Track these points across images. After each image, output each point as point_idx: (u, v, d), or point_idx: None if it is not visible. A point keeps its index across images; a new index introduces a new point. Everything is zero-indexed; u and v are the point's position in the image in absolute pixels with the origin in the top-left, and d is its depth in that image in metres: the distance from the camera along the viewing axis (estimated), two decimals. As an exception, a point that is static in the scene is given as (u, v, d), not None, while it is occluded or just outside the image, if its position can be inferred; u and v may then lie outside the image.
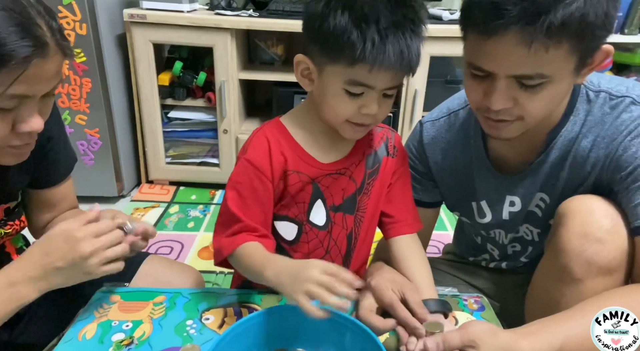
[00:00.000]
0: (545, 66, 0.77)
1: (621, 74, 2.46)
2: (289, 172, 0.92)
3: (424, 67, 2.30)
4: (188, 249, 2.08)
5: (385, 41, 0.77)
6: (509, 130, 0.89)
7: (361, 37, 0.76)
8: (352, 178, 0.97)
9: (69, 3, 2.03)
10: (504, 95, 0.82)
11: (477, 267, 1.33)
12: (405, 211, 1.03)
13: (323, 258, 0.99)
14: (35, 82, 0.72)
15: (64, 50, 0.76)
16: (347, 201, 0.98)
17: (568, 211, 0.91)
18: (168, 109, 2.51)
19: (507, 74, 0.80)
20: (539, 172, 1.00)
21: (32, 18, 0.70)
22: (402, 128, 2.45)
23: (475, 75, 0.85)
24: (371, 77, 0.80)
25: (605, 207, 0.89)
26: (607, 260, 0.86)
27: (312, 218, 0.97)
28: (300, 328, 0.82)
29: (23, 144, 0.80)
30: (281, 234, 0.99)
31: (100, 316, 0.91)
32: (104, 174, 2.38)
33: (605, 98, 0.92)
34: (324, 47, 0.82)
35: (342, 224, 1.00)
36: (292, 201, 0.95)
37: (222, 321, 0.92)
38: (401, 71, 0.81)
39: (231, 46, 2.26)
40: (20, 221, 1.02)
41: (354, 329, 0.79)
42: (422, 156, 1.15)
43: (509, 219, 1.10)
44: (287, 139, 0.93)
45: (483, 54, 0.81)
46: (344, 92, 0.83)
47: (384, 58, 0.77)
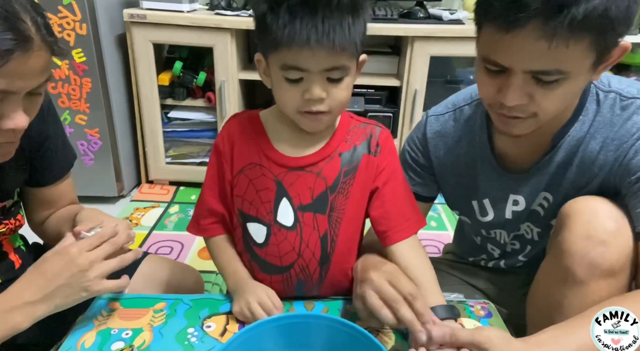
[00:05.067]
0: (564, 62, 0.76)
1: (621, 74, 2.45)
2: (251, 165, 0.94)
3: (424, 67, 2.30)
4: (188, 249, 2.08)
5: (295, 19, 0.76)
6: (521, 127, 0.88)
7: (275, 19, 0.78)
8: (321, 175, 0.94)
9: (69, 3, 2.03)
10: (520, 91, 0.81)
11: (476, 267, 1.32)
12: (399, 216, 0.96)
13: (295, 263, 0.97)
14: (17, 77, 0.71)
15: (51, 46, 0.75)
16: (317, 200, 0.94)
17: (571, 213, 0.91)
18: (168, 109, 2.50)
19: (524, 70, 0.78)
20: (545, 171, 0.99)
21: (17, 12, 0.69)
22: (402, 128, 2.45)
23: (489, 70, 0.84)
24: (296, 58, 0.79)
25: (609, 209, 0.89)
26: (611, 262, 0.85)
27: (280, 218, 0.95)
28: (307, 336, 0.82)
29: (6, 142, 0.80)
30: (252, 236, 0.97)
31: (100, 324, 0.91)
32: (104, 174, 2.38)
33: (615, 99, 0.91)
34: (258, 38, 0.84)
35: (313, 224, 0.95)
36: (258, 200, 0.94)
37: (224, 329, 0.91)
38: (320, 48, 0.78)
39: (231, 46, 2.25)
40: (16, 219, 1.02)
41: (363, 340, 0.78)
42: (424, 149, 1.13)
43: (511, 219, 1.09)
44: (255, 127, 0.95)
45: (500, 49, 0.79)
46: (284, 80, 0.83)
47: (296, 36, 0.77)
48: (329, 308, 0.98)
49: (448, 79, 2.46)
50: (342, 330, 0.80)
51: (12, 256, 1.03)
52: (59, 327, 0.99)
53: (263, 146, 0.93)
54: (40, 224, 1.12)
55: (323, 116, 0.86)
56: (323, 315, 0.90)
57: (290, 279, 0.98)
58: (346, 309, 0.98)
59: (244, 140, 0.94)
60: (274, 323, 0.82)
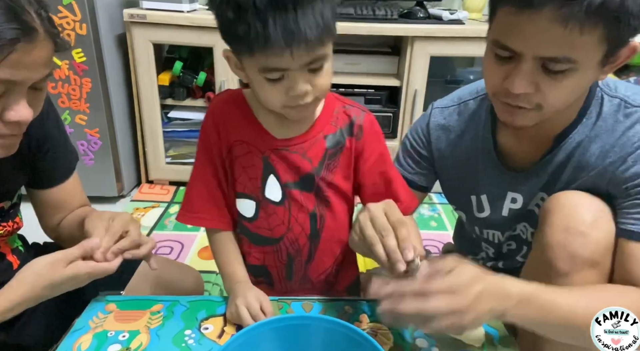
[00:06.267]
0: (576, 50, 0.76)
1: (621, 74, 2.45)
2: (237, 142, 0.94)
3: (424, 67, 2.29)
4: (188, 249, 2.08)
5: (266, 23, 0.73)
6: (524, 118, 0.87)
7: (244, 26, 0.74)
8: (307, 156, 0.95)
9: (69, 3, 2.02)
10: (527, 78, 0.80)
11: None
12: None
13: (285, 236, 0.99)
14: (21, 67, 0.71)
15: (54, 38, 0.75)
16: (303, 179, 0.96)
17: (552, 208, 0.92)
18: (168, 109, 2.50)
19: (534, 55, 0.78)
20: (544, 171, 1.00)
21: (21, 4, 0.70)
22: (402, 128, 2.44)
23: (498, 56, 0.83)
24: (276, 60, 0.77)
25: (589, 202, 0.90)
26: (591, 252, 0.86)
27: (268, 193, 0.97)
28: (305, 338, 0.81)
29: (10, 135, 0.79)
30: (241, 212, 0.99)
31: (96, 327, 0.90)
32: (104, 174, 2.37)
33: (619, 105, 0.91)
34: (229, 44, 0.82)
35: (301, 201, 0.98)
36: (246, 176, 0.95)
37: (222, 331, 0.91)
38: (297, 47, 0.75)
39: (231, 46, 2.24)
40: (15, 222, 1.01)
41: (361, 342, 0.77)
42: (426, 140, 1.13)
43: (507, 216, 1.09)
44: (240, 105, 0.95)
45: (513, 31, 0.78)
46: (265, 80, 0.81)
47: (269, 41, 0.74)
48: (327, 309, 0.98)
49: (448, 79, 2.45)
50: (340, 332, 0.80)
51: (9, 257, 1.03)
52: (57, 330, 0.99)
53: (249, 124, 0.94)
54: (54, 229, 1.11)
55: (310, 105, 0.86)
56: (321, 317, 0.89)
57: (281, 252, 1.01)
58: (345, 310, 0.97)
59: (229, 119, 0.95)
60: (272, 325, 0.82)
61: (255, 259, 1.04)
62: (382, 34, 2.27)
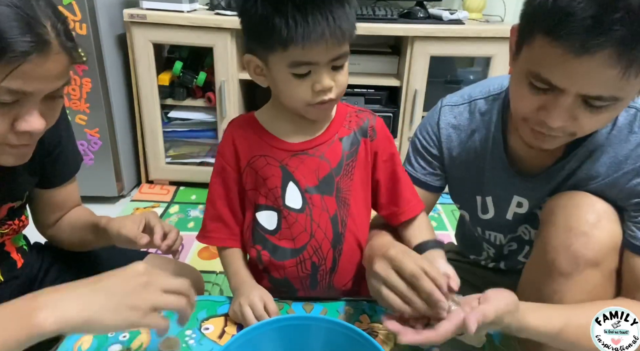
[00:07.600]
0: (623, 90, 0.73)
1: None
2: (255, 157, 0.96)
3: (424, 67, 2.29)
4: (188, 249, 2.07)
5: (307, 16, 0.78)
6: (553, 143, 0.86)
7: (283, 19, 0.79)
8: (325, 157, 0.96)
9: (69, 3, 2.03)
10: (567, 113, 0.77)
11: (477, 267, 1.32)
12: (401, 199, 1.01)
13: (308, 244, 0.98)
14: (33, 78, 0.71)
15: (70, 52, 0.75)
16: (323, 182, 0.96)
17: (554, 208, 0.92)
18: (168, 109, 2.50)
19: (578, 92, 0.74)
20: (554, 178, 0.98)
21: (38, 17, 0.70)
22: (402, 128, 2.44)
23: (533, 85, 0.79)
24: (308, 54, 0.82)
25: (592, 202, 0.90)
26: (594, 252, 0.86)
27: (288, 201, 0.96)
28: (306, 338, 0.81)
29: (22, 145, 0.79)
30: (263, 225, 0.98)
31: (97, 327, 0.91)
32: (104, 174, 2.38)
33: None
34: (258, 40, 0.85)
35: (322, 206, 0.97)
36: (266, 188, 0.96)
37: (223, 331, 0.91)
38: (334, 39, 0.81)
39: (231, 46, 2.25)
40: (20, 220, 1.02)
41: (362, 342, 0.77)
42: (436, 137, 1.11)
43: (511, 220, 1.09)
44: (253, 126, 0.97)
45: (560, 70, 0.74)
46: (292, 76, 0.85)
47: (311, 33, 0.79)
48: (328, 309, 0.98)
49: (448, 79, 2.46)
50: (341, 332, 0.80)
51: (14, 256, 1.03)
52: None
53: (264, 138, 0.96)
54: (48, 228, 1.12)
55: (331, 103, 0.90)
56: (322, 317, 0.90)
57: (304, 263, 0.99)
58: (345, 310, 0.97)
59: (245, 138, 0.97)
60: (273, 325, 0.81)
61: (278, 274, 1.01)
62: (382, 34, 2.27)
